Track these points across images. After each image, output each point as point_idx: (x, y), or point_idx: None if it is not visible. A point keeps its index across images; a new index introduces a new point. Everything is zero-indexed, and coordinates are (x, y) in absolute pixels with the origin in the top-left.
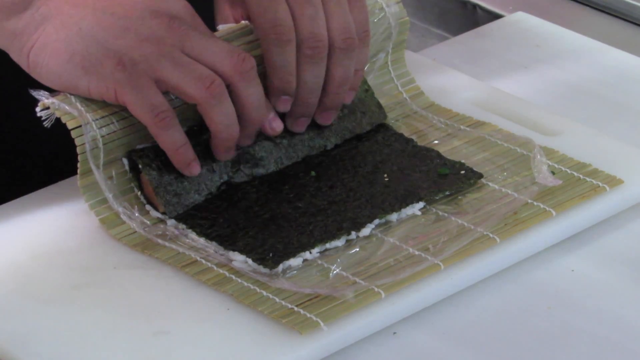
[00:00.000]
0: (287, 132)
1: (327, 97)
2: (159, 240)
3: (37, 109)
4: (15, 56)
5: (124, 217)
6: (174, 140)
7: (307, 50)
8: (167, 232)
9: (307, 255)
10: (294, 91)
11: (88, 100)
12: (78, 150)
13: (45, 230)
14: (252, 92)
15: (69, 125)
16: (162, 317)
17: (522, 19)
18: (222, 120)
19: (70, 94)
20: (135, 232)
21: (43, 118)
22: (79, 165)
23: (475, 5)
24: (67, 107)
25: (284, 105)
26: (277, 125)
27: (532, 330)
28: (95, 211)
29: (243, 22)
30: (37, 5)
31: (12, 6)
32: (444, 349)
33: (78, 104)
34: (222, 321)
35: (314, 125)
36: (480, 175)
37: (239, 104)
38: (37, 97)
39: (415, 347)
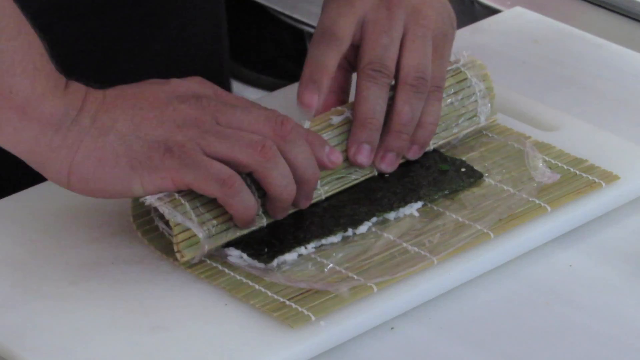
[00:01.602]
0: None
1: (389, 136)
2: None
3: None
4: (50, 173)
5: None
6: (244, 205)
7: (370, 71)
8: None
9: (302, 250)
10: (374, 134)
11: (197, 207)
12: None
13: (44, 225)
14: (299, 152)
15: (184, 249)
16: (159, 312)
17: (520, 14)
18: (280, 181)
19: (182, 199)
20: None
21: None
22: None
23: (473, 0)
24: (186, 221)
25: (364, 156)
26: (336, 158)
27: (530, 326)
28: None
29: (332, 117)
30: (72, 116)
31: (50, 117)
32: (441, 344)
33: (192, 215)
34: (219, 316)
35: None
36: (481, 175)
37: (291, 165)
38: (145, 201)
39: (413, 341)
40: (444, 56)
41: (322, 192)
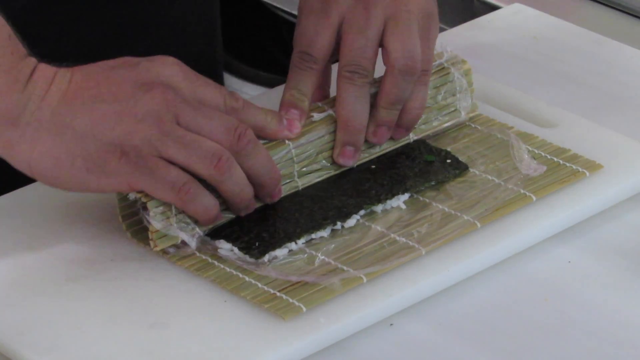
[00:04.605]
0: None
1: (379, 112)
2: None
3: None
4: (16, 164)
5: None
6: (203, 208)
7: (347, 73)
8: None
9: (292, 246)
10: (357, 136)
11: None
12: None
13: (42, 223)
14: (256, 162)
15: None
16: (158, 309)
17: (519, 10)
18: (233, 189)
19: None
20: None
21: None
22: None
23: None
24: (169, 228)
25: (347, 158)
26: (295, 128)
27: (529, 322)
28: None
29: (313, 115)
30: (32, 110)
31: (7, 113)
32: (440, 340)
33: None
34: (219, 313)
35: None
36: (466, 167)
37: (247, 174)
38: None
39: (412, 338)
40: (431, 37)
41: (299, 183)
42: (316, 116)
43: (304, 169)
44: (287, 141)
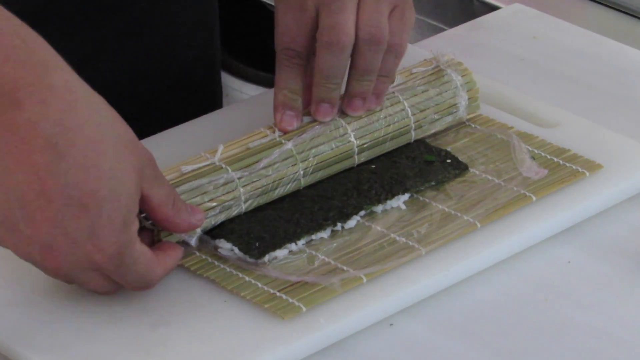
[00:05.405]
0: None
1: (350, 83)
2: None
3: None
4: None
5: None
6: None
7: (325, 38)
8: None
9: (292, 247)
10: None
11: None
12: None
13: None
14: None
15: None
16: (159, 309)
17: (519, 10)
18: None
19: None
20: None
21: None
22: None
23: None
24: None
25: (324, 114)
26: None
27: (529, 322)
28: None
29: (302, 118)
30: None
31: None
32: (440, 341)
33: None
34: (219, 313)
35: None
36: (466, 167)
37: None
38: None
39: (411, 338)
40: (405, 20)
41: (302, 182)
42: (305, 119)
43: (306, 168)
44: (283, 140)
